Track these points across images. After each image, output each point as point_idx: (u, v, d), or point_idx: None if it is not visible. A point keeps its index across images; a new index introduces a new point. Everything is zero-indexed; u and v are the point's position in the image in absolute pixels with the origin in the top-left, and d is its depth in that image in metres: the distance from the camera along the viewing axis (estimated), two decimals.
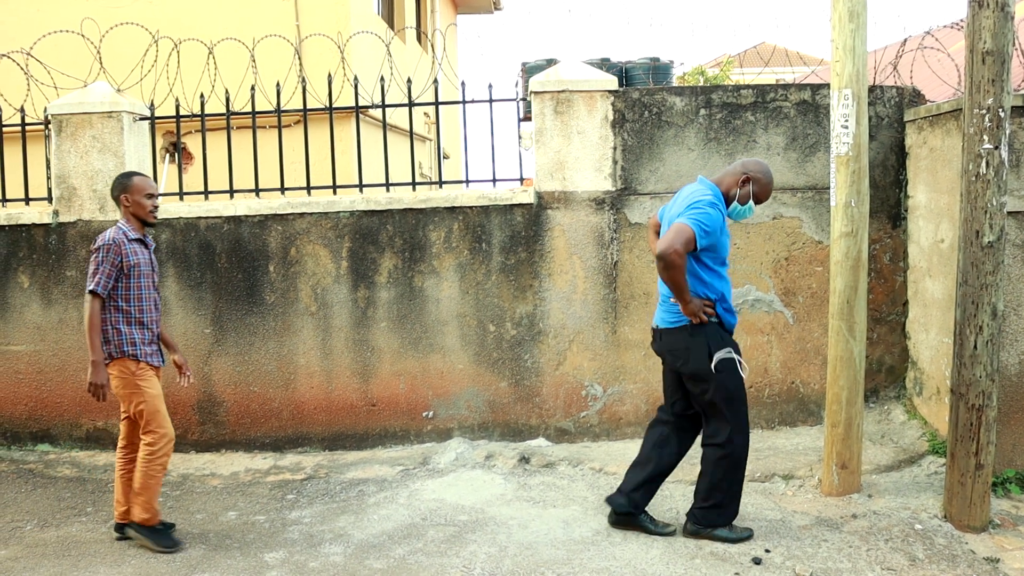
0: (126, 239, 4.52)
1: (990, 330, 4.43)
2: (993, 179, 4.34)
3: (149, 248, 4.69)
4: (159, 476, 4.55)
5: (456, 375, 6.10)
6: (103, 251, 4.44)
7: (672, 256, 4.02)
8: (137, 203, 4.58)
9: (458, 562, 4.31)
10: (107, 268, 4.43)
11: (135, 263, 4.52)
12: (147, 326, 4.59)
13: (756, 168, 4.36)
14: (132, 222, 4.61)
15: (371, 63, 9.00)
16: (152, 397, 4.53)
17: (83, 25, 6.73)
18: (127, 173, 4.66)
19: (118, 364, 4.49)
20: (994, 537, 4.45)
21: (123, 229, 4.56)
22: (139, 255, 4.56)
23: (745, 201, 4.36)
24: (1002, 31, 4.27)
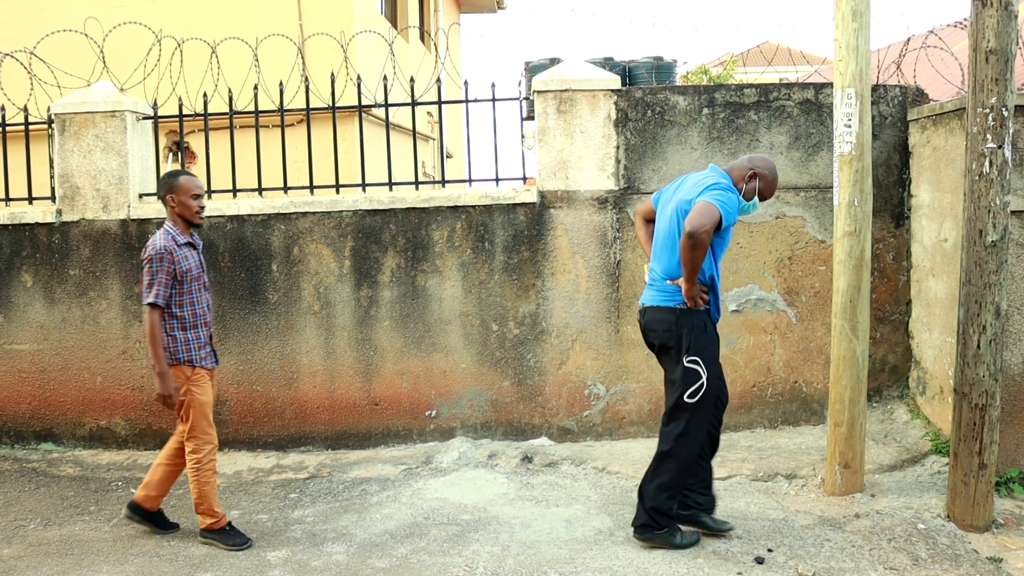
0: (176, 245, 4.47)
1: (993, 329, 4.42)
2: (996, 178, 4.34)
3: (197, 249, 4.64)
4: (212, 481, 4.56)
5: (459, 374, 6.10)
6: (156, 261, 4.38)
7: (703, 235, 3.97)
8: (183, 204, 4.51)
9: (460, 561, 4.32)
10: (163, 278, 4.38)
11: (187, 269, 4.47)
12: (201, 328, 4.57)
13: (763, 164, 4.34)
14: (179, 224, 4.55)
15: (374, 62, 9.01)
16: (201, 404, 4.52)
17: (86, 24, 6.74)
18: (173, 172, 4.60)
19: (173, 370, 4.47)
20: (997, 537, 4.44)
21: (171, 234, 4.49)
22: (190, 260, 4.51)
23: (750, 197, 4.34)
24: (1005, 30, 4.26)
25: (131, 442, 6.27)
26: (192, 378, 4.50)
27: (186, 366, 4.49)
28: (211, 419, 4.58)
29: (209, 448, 4.55)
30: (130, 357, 6.21)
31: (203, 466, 4.53)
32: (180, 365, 4.48)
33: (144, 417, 6.24)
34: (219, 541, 4.58)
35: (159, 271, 4.38)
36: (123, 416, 6.26)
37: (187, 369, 4.49)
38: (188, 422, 4.51)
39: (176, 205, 4.52)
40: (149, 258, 4.40)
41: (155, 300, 4.37)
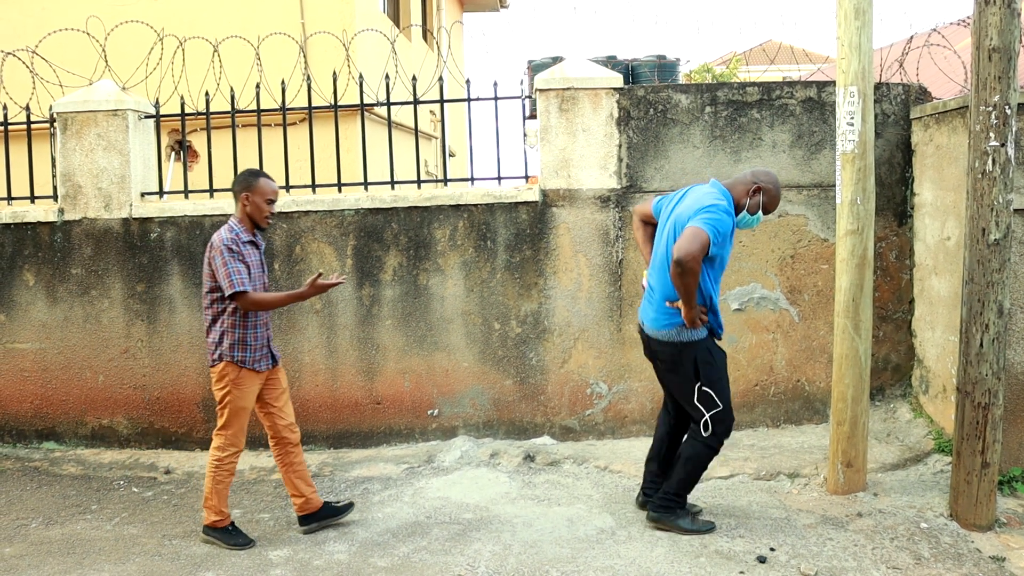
0: (240, 240, 4.43)
1: (996, 328, 4.41)
2: (999, 176, 4.32)
3: (260, 249, 4.61)
4: (227, 482, 4.55)
5: (461, 373, 6.09)
6: (227, 252, 4.35)
7: (691, 263, 3.99)
8: (256, 205, 4.48)
9: (463, 560, 4.31)
10: (238, 266, 4.35)
11: (250, 265, 4.45)
12: (260, 329, 4.54)
13: (766, 178, 4.34)
14: (245, 222, 4.52)
15: (376, 61, 9.00)
16: (240, 409, 4.50)
17: (88, 23, 6.74)
18: (254, 172, 4.57)
19: (222, 367, 4.46)
20: (1000, 536, 4.43)
21: (236, 230, 4.46)
22: (252, 257, 4.48)
23: (755, 211, 4.33)
24: (1008, 28, 4.25)
25: (133, 441, 6.27)
26: (236, 380, 4.46)
27: (235, 365, 4.46)
28: (245, 424, 4.54)
29: (233, 451, 4.53)
30: (132, 356, 6.21)
31: (222, 465, 4.52)
32: (231, 363, 4.45)
33: (146, 416, 6.24)
34: (221, 540, 4.58)
35: (232, 260, 4.34)
36: (125, 415, 6.26)
37: (235, 369, 4.46)
38: (223, 419, 4.50)
39: (249, 205, 4.49)
40: (218, 250, 4.37)
41: (243, 287, 4.33)
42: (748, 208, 4.31)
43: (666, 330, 4.33)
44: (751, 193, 4.31)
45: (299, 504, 4.72)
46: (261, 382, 4.57)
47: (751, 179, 4.33)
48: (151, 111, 6.42)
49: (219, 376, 4.48)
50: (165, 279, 6.18)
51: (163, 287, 6.18)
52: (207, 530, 4.62)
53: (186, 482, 5.66)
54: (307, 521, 4.73)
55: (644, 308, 4.47)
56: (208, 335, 4.51)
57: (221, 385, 4.48)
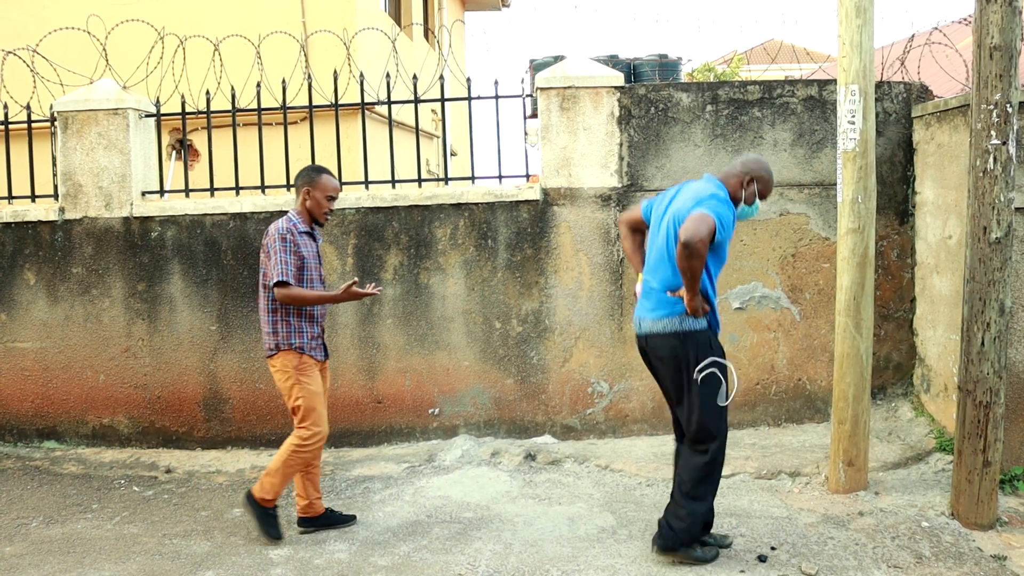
0: (297, 231, 4.47)
1: (998, 327, 4.40)
2: (1001, 175, 4.32)
3: (316, 242, 4.64)
4: (297, 467, 4.52)
5: (462, 372, 6.09)
6: (279, 241, 4.38)
7: (698, 244, 3.86)
8: (317, 201, 4.52)
9: (463, 559, 4.31)
10: (288, 257, 4.38)
11: (306, 255, 4.48)
12: (316, 320, 4.56)
13: (757, 166, 4.25)
14: (303, 216, 4.55)
15: (377, 60, 8.99)
16: (311, 393, 4.48)
17: (89, 22, 6.73)
18: (317, 168, 4.60)
19: (282, 356, 4.46)
20: (1001, 535, 4.43)
21: (294, 221, 4.51)
22: (308, 248, 4.51)
23: (752, 201, 4.26)
24: (1010, 26, 4.24)
25: (134, 440, 6.27)
26: (300, 366, 4.47)
27: (295, 353, 4.46)
28: (322, 409, 4.51)
29: (318, 439, 4.48)
30: (133, 355, 6.21)
31: (302, 451, 4.46)
32: (290, 351, 4.46)
33: (147, 415, 6.24)
34: (257, 518, 4.55)
35: (284, 251, 4.38)
36: (126, 414, 6.26)
37: (295, 357, 4.46)
38: (299, 414, 4.47)
39: (309, 199, 4.52)
40: (272, 239, 4.41)
41: (284, 277, 4.36)
42: (745, 199, 4.23)
43: (667, 319, 4.14)
44: (745, 184, 4.22)
45: (302, 506, 4.71)
46: (324, 370, 4.61)
47: (742, 170, 4.24)
48: (152, 110, 6.42)
49: (280, 368, 4.47)
50: (166, 278, 6.18)
51: (164, 286, 6.18)
52: (250, 499, 4.55)
53: (187, 481, 5.66)
54: (306, 524, 4.72)
55: (641, 306, 4.32)
56: (264, 325, 4.52)
57: (285, 376, 4.46)
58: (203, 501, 5.28)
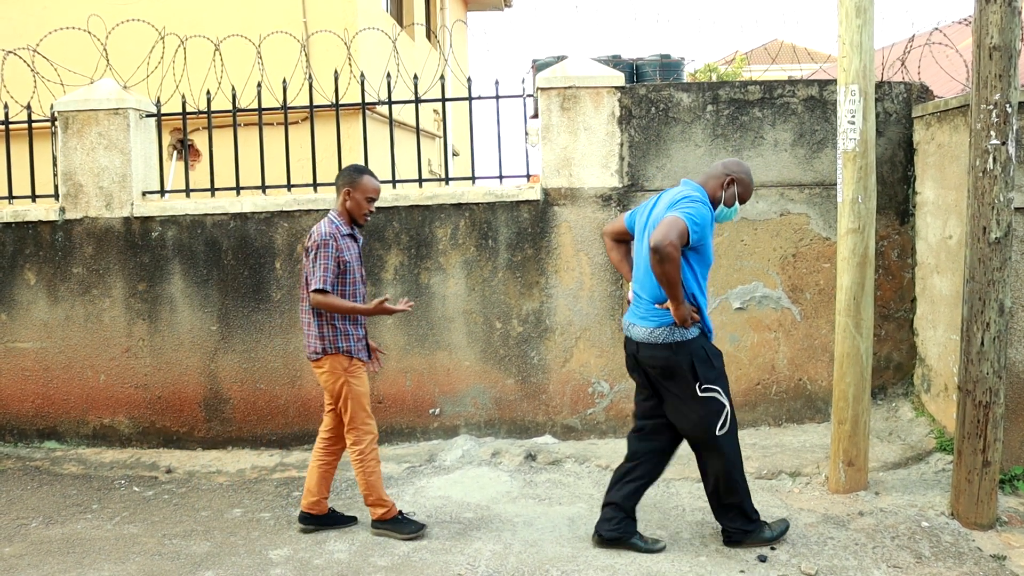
0: (339, 234, 4.47)
1: (997, 327, 4.40)
2: (1000, 175, 4.31)
3: (358, 242, 4.65)
4: (377, 471, 4.56)
5: (462, 372, 6.09)
6: (322, 247, 4.39)
7: (668, 248, 3.82)
8: (357, 202, 4.51)
9: (463, 560, 4.31)
10: (330, 264, 4.40)
11: (348, 259, 4.49)
12: (360, 321, 4.58)
13: (737, 168, 4.25)
14: (344, 216, 4.55)
15: (379, 60, 8.99)
16: (359, 395, 4.51)
17: (89, 22, 6.74)
18: (359, 168, 4.59)
19: (330, 359, 4.48)
20: (1001, 534, 4.42)
21: (336, 223, 4.50)
22: (351, 250, 4.52)
23: (731, 203, 4.23)
24: (1009, 26, 4.24)
25: (135, 440, 6.28)
26: (349, 369, 4.50)
27: (343, 356, 4.48)
28: (369, 410, 4.56)
29: (370, 439, 4.54)
30: (133, 355, 6.21)
31: (366, 457, 4.51)
32: (338, 355, 4.48)
33: (148, 415, 6.25)
34: (393, 531, 4.58)
35: (326, 256, 4.39)
36: (127, 414, 6.27)
37: (344, 359, 4.49)
38: (347, 414, 4.50)
39: (350, 200, 4.52)
40: (315, 244, 4.42)
41: (323, 285, 4.38)
42: (724, 200, 4.22)
43: (658, 329, 4.12)
44: (725, 186, 4.20)
45: (309, 503, 4.71)
46: (365, 370, 4.62)
47: (723, 171, 4.23)
48: (152, 110, 6.42)
49: (329, 370, 4.49)
50: (167, 278, 6.18)
51: (165, 286, 6.18)
52: (376, 524, 4.62)
53: (187, 481, 5.66)
54: (308, 521, 4.73)
55: (630, 316, 4.28)
56: (308, 328, 4.53)
57: (334, 378, 4.48)
58: (203, 501, 5.29)
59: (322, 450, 4.69)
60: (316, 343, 4.49)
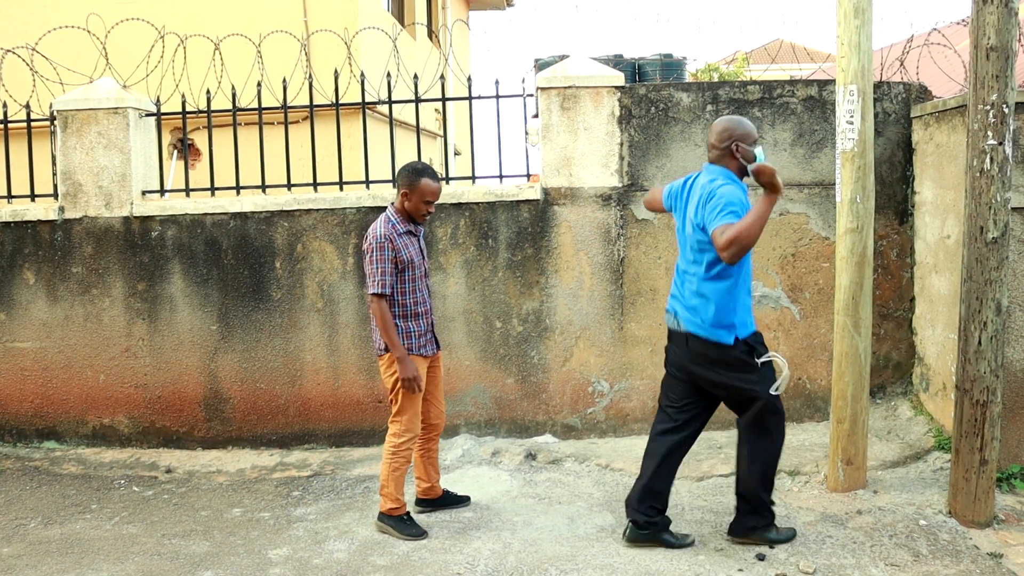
0: (396, 233, 4.48)
1: (994, 326, 4.41)
2: (997, 175, 4.32)
3: (418, 237, 4.65)
4: (403, 468, 4.58)
5: (462, 371, 6.10)
6: (377, 250, 4.41)
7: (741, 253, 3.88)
8: (416, 204, 4.51)
9: (462, 559, 4.32)
10: (386, 266, 4.41)
11: (408, 257, 4.49)
12: (422, 316, 4.60)
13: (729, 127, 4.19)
14: (402, 214, 4.56)
15: (380, 59, 8.99)
16: (412, 394, 4.55)
17: (88, 21, 6.74)
18: (419, 169, 4.55)
19: (390, 356, 4.52)
20: (998, 532, 4.43)
21: (393, 221, 4.51)
22: (410, 248, 4.53)
23: (750, 159, 4.16)
24: (1006, 27, 4.24)
25: (134, 440, 6.29)
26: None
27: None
28: (419, 409, 4.60)
29: (410, 436, 4.57)
30: (133, 355, 6.22)
31: (399, 451, 4.55)
32: None
33: (147, 415, 6.25)
34: (395, 528, 4.61)
35: (382, 259, 4.41)
36: (126, 414, 6.27)
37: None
38: (396, 405, 4.55)
39: (408, 202, 4.52)
40: (370, 247, 4.44)
41: (380, 290, 4.41)
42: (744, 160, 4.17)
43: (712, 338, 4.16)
44: (735, 152, 4.18)
45: (423, 488, 4.89)
46: (427, 366, 4.66)
47: (720, 141, 4.19)
48: (152, 109, 6.43)
49: (387, 365, 4.55)
50: (166, 278, 6.19)
51: (164, 286, 6.19)
52: (382, 517, 4.66)
53: (187, 481, 5.67)
54: (424, 504, 4.91)
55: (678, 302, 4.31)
56: (373, 325, 4.58)
57: (390, 374, 4.53)
58: (203, 501, 5.29)
59: (420, 439, 4.78)
60: (379, 340, 4.56)
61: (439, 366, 4.81)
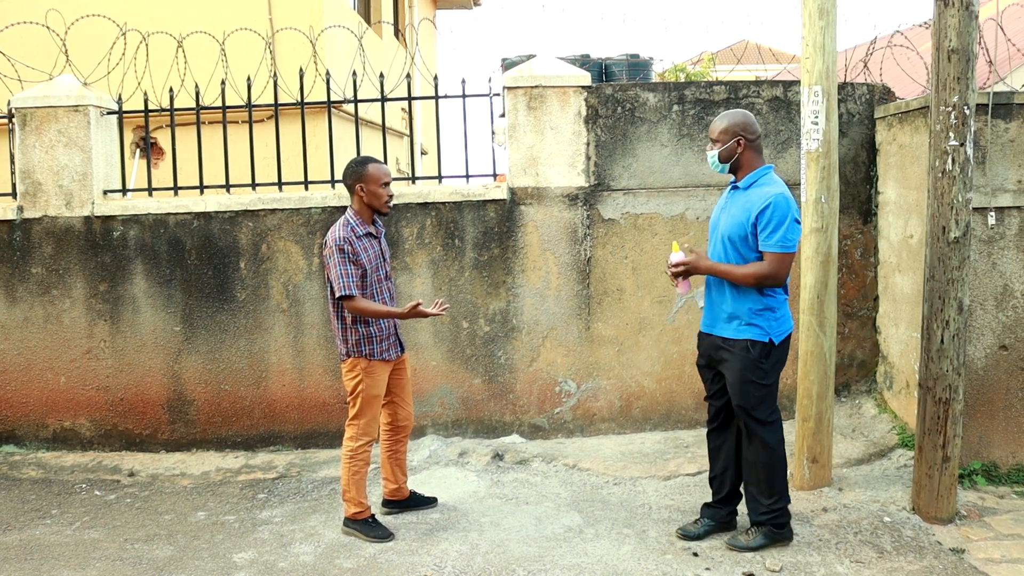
0: (355, 235, 4.42)
1: (956, 324, 4.46)
2: (959, 175, 4.38)
3: (379, 238, 4.59)
4: (363, 472, 4.56)
5: (429, 372, 6.07)
6: (338, 252, 4.35)
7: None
8: (373, 193, 4.44)
9: (429, 560, 4.29)
10: (348, 268, 4.36)
11: (366, 260, 4.43)
12: (383, 320, 4.54)
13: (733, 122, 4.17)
14: (363, 214, 4.50)
15: (346, 58, 8.93)
16: (371, 397, 4.52)
17: (48, 17, 6.62)
18: (361, 159, 4.50)
19: (352, 360, 4.49)
20: (960, 528, 4.49)
21: (352, 224, 4.44)
22: (369, 251, 4.47)
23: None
24: (967, 29, 4.30)
25: (96, 443, 6.18)
26: (368, 369, 4.50)
27: (363, 359, 4.48)
28: (377, 414, 4.58)
29: (366, 441, 4.54)
30: (95, 357, 6.12)
31: (356, 455, 4.52)
32: (359, 357, 4.48)
33: (110, 418, 6.15)
34: (361, 532, 4.57)
35: (344, 262, 4.35)
36: (88, 417, 6.17)
37: (363, 361, 4.49)
38: (355, 408, 4.52)
39: (365, 194, 4.46)
40: (330, 250, 4.39)
41: (348, 291, 4.35)
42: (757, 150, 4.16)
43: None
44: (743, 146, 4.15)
45: (390, 490, 4.87)
46: (390, 370, 4.61)
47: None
48: (114, 107, 6.33)
49: (349, 369, 4.53)
50: (128, 278, 6.10)
51: (126, 286, 6.10)
52: (347, 522, 4.63)
53: (150, 485, 5.59)
54: (392, 506, 4.88)
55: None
56: (334, 331, 4.56)
57: (352, 375, 4.50)
58: (167, 505, 5.22)
59: (387, 441, 4.79)
60: (341, 345, 4.53)
61: (405, 368, 4.78)
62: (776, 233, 4.01)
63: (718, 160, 4.20)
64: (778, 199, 4.03)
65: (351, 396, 4.54)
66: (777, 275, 4.04)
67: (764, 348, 4.13)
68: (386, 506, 4.88)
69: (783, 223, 4.01)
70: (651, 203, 5.98)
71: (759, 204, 4.05)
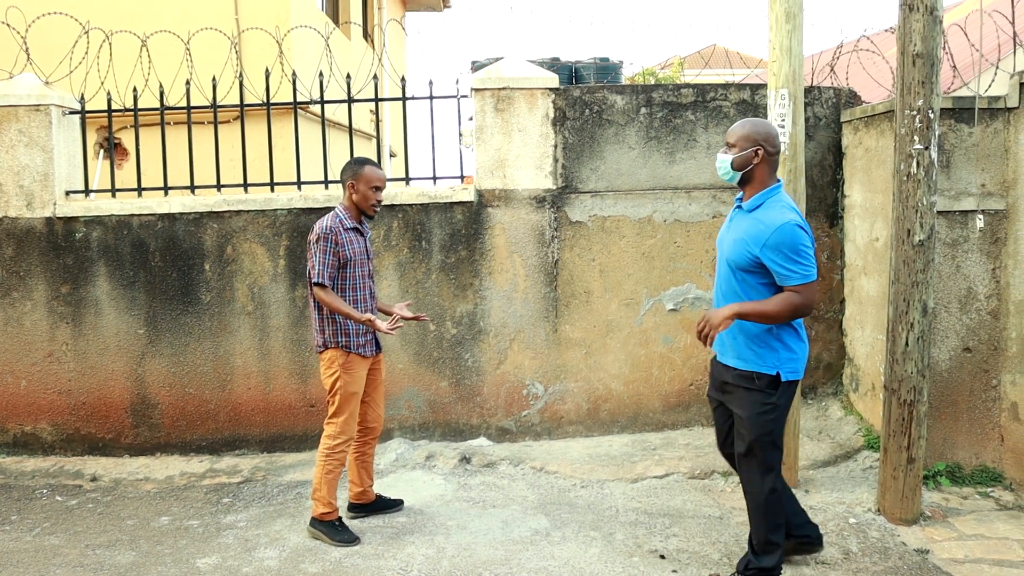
0: (342, 228, 4.48)
1: (921, 327, 4.50)
2: (923, 179, 4.42)
3: (365, 236, 4.63)
4: (337, 471, 4.54)
5: (396, 375, 6.02)
6: (322, 240, 4.41)
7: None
8: (363, 193, 4.52)
9: (395, 564, 4.26)
10: (327, 258, 4.41)
11: (351, 254, 4.47)
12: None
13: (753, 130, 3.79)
14: (352, 210, 4.57)
15: (314, 59, 8.87)
16: (350, 394, 4.51)
17: (8, 14, 6.51)
18: (360, 160, 4.59)
19: (329, 353, 4.50)
20: (925, 529, 4.53)
21: (340, 217, 4.51)
22: (355, 244, 4.51)
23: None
24: (931, 34, 4.34)
25: (58, 448, 6.07)
26: (345, 364, 4.49)
27: (342, 351, 4.48)
28: (356, 411, 4.56)
29: (345, 439, 4.53)
30: (56, 360, 6.01)
31: (333, 453, 4.52)
32: (337, 349, 4.48)
33: (72, 422, 6.05)
34: (326, 534, 4.53)
35: (325, 252, 4.41)
36: (49, 421, 6.06)
37: (342, 354, 4.48)
38: (333, 406, 4.50)
39: (355, 193, 4.53)
40: (316, 236, 4.44)
41: (319, 279, 4.40)
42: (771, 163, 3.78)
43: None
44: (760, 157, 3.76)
45: (355, 493, 4.84)
46: (367, 367, 4.60)
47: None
48: (76, 107, 6.22)
49: (328, 363, 4.51)
50: (91, 280, 6.00)
51: (89, 288, 6.00)
52: (314, 522, 4.60)
53: (113, 489, 5.50)
54: (357, 510, 4.83)
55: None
56: (313, 322, 4.55)
57: (331, 372, 4.50)
58: (129, 510, 5.14)
59: (355, 442, 4.73)
60: (318, 336, 4.54)
61: (380, 368, 4.77)
62: (796, 266, 3.62)
63: (731, 167, 3.78)
64: (783, 231, 3.62)
65: (330, 394, 4.53)
66: (811, 304, 3.65)
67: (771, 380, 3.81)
68: (352, 510, 4.84)
69: (797, 254, 3.61)
70: (619, 205, 5.99)
71: (763, 236, 3.66)
